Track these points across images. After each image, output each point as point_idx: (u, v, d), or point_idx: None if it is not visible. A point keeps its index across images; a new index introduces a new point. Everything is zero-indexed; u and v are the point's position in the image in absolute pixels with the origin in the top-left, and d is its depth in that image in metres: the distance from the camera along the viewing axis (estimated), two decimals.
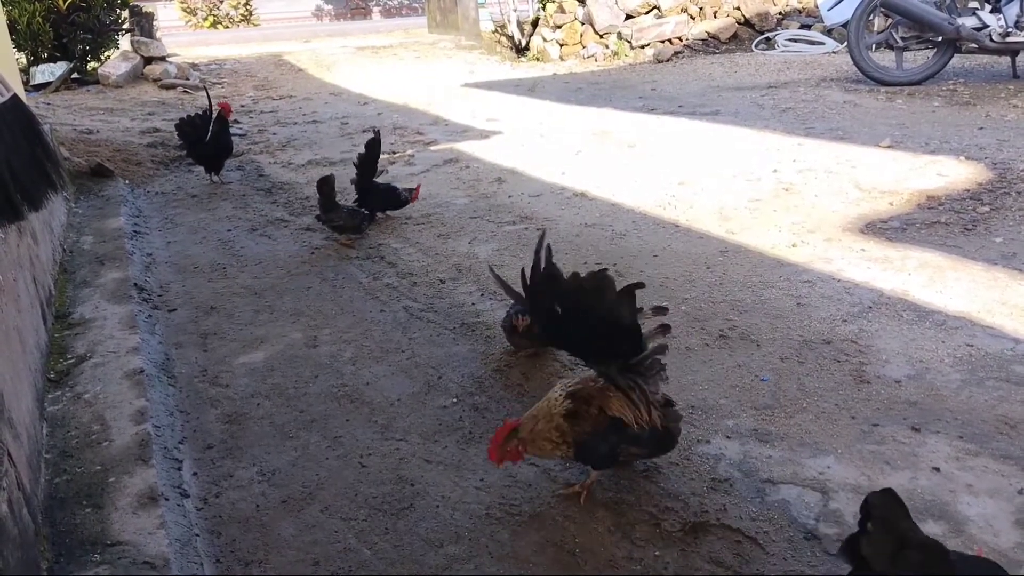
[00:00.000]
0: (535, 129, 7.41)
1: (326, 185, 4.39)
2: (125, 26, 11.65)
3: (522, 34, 13.69)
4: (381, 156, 6.34)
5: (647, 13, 12.15)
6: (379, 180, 4.89)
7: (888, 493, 1.39)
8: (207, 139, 5.82)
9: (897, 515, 1.37)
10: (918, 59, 8.08)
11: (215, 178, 6.02)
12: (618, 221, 4.65)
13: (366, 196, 4.76)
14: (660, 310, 2.07)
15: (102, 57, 11.35)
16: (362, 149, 4.77)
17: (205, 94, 6.52)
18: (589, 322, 1.99)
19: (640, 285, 1.98)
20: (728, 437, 2.50)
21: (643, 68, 11.02)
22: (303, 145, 7.33)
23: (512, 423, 2.12)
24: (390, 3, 33.55)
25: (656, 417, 2.10)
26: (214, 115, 5.80)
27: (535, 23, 13.56)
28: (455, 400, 2.81)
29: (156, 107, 9.57)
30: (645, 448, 2.16)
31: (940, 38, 7.52)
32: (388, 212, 4.97)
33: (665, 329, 2.09)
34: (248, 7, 27.99)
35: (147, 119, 8.66)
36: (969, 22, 7.31)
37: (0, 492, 1.70)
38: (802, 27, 11.65)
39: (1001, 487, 2.17)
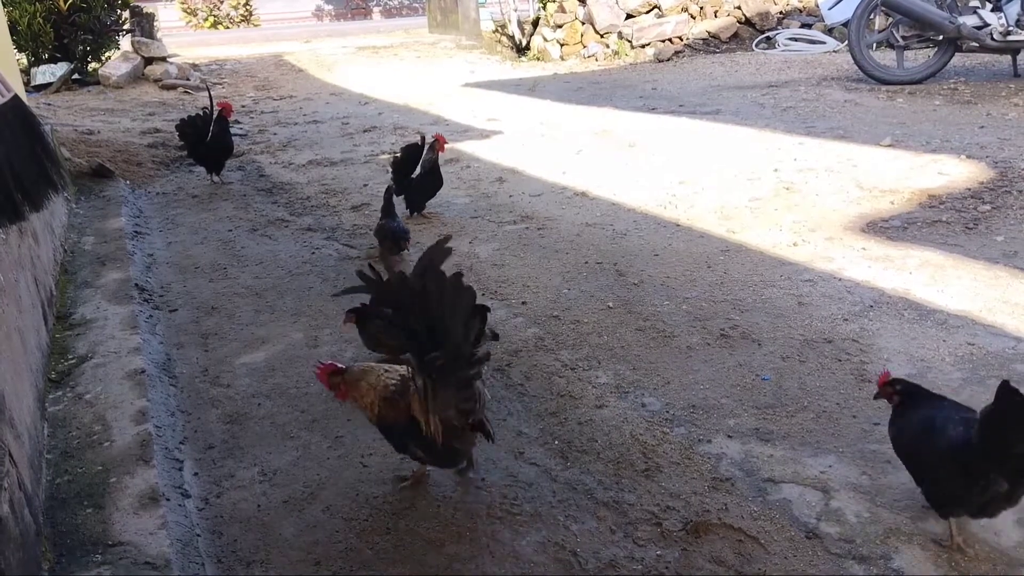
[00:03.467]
0: (536, 129, 7.41)
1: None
2: (126, 27, 11.65)
3: (523, 34, 13.69)
4: (382, 156, 6.35)
5: (648, 12, 12.14)
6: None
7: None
8: (208, 139, 5.81)
9: None
10: (919, 58, 8.07)
11: (216, 178, 6.02)
12: (619, 220, 4.65)
13: (407, 195, 4.90)
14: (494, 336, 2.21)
15: (103, 58, 11.36)
16: (389, 151, 4.86)
17: (207, 94, 6.52)
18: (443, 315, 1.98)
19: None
20: (729, 436, 2.50)
21: (644, 67, 11.01)
22: (304, 145, 7.33)
23: (340, 367, 2.26)
24: (390, 3, 33.55)
25: (438, 433, 2.09)
26: (215, 115, 5.80)
27: (536, 23, 13.56)
28: None
29: (157, 107, 9.57)
30: (429, 455, 2.23)
31: (941, 37, 7.52)
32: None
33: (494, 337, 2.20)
34: (248, 7, 27.98)
35: (148, 120, 8.67)
36: (970, 21, 7.31)
37: (1, 492, 1.70)
38: (803, 26, 11.65)
39: None
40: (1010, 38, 7.24)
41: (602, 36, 12.26)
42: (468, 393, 2.06)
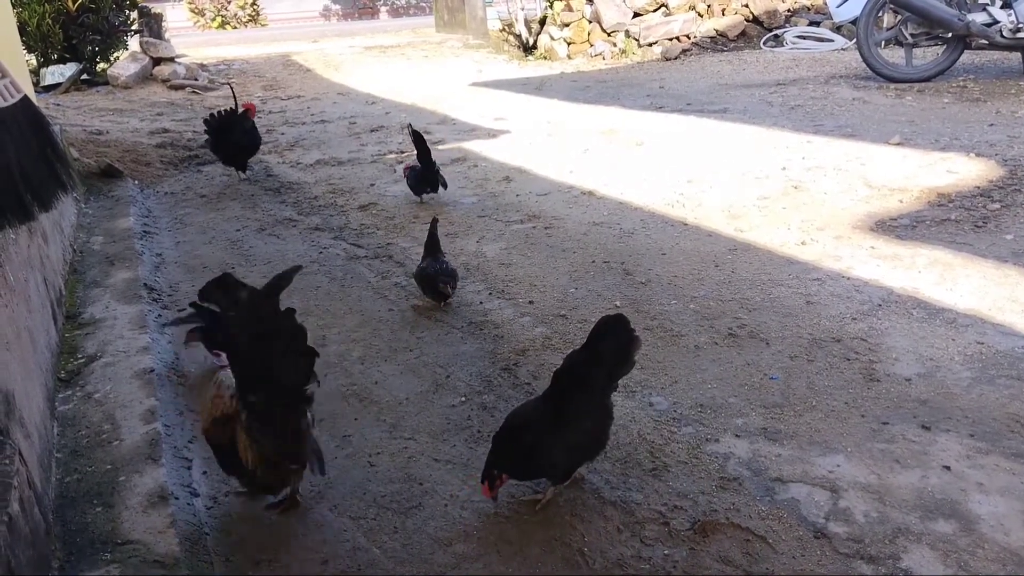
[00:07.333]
0: (543, 128, 7.41)
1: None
2: (134, 27, 11.71)
3: (529, 33, 13.69)
4: (389, 155, 6.38)
5: (655, 11, 12.12)
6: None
7: None
8: (238, 135, 5.84)
9: None
10: (928, 56, 8.03)
11: (242, 175, 6.06)
12: (626, 219, 4.64)
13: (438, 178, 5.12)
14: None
15: (111, 58, 11.41)
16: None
17: (231, 92, 6.59)
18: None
19: None
20: (737, 436, 2.49)
21: (651, 66, 10.99)
22: (311, 145, 7.35)
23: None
24: (398, 3, 33.59)
25: (257, 467, 2.07)
26: (239, 112, 5.85)
27: (543, 22, 13.55)
28: (463, 399, 2.81)
29: (165, 108, 9.61)
30: (248, 484, 2.18)
31: (950, 34, 7.47)
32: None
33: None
34: (255, 7, 28.09)
35: (156, 120, 8.70)
36: (979, 18, 7.26)
37: (12, 491, 1.71)
38: (811, 24, 11.60)
39: (1012, 485, 2.16)
40: (1020, 35, 7.19)
41: (609, 35, 12.25)
42: (288, 434, 2.00)
